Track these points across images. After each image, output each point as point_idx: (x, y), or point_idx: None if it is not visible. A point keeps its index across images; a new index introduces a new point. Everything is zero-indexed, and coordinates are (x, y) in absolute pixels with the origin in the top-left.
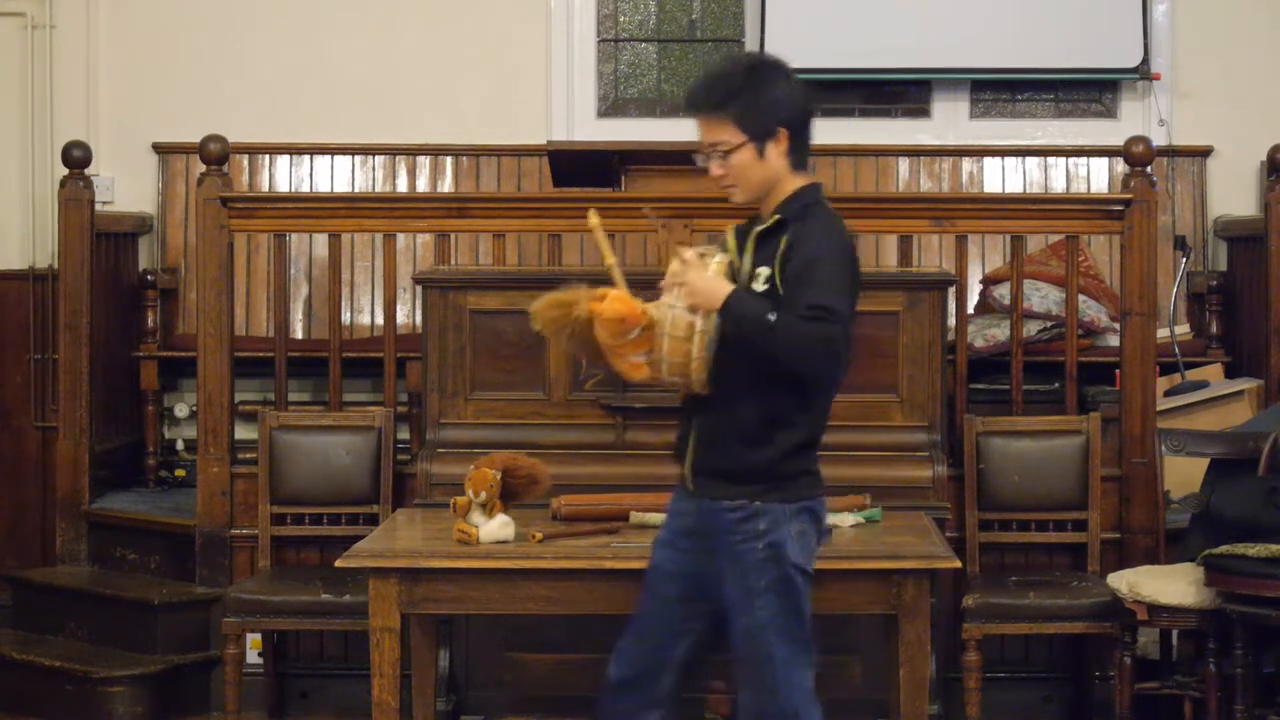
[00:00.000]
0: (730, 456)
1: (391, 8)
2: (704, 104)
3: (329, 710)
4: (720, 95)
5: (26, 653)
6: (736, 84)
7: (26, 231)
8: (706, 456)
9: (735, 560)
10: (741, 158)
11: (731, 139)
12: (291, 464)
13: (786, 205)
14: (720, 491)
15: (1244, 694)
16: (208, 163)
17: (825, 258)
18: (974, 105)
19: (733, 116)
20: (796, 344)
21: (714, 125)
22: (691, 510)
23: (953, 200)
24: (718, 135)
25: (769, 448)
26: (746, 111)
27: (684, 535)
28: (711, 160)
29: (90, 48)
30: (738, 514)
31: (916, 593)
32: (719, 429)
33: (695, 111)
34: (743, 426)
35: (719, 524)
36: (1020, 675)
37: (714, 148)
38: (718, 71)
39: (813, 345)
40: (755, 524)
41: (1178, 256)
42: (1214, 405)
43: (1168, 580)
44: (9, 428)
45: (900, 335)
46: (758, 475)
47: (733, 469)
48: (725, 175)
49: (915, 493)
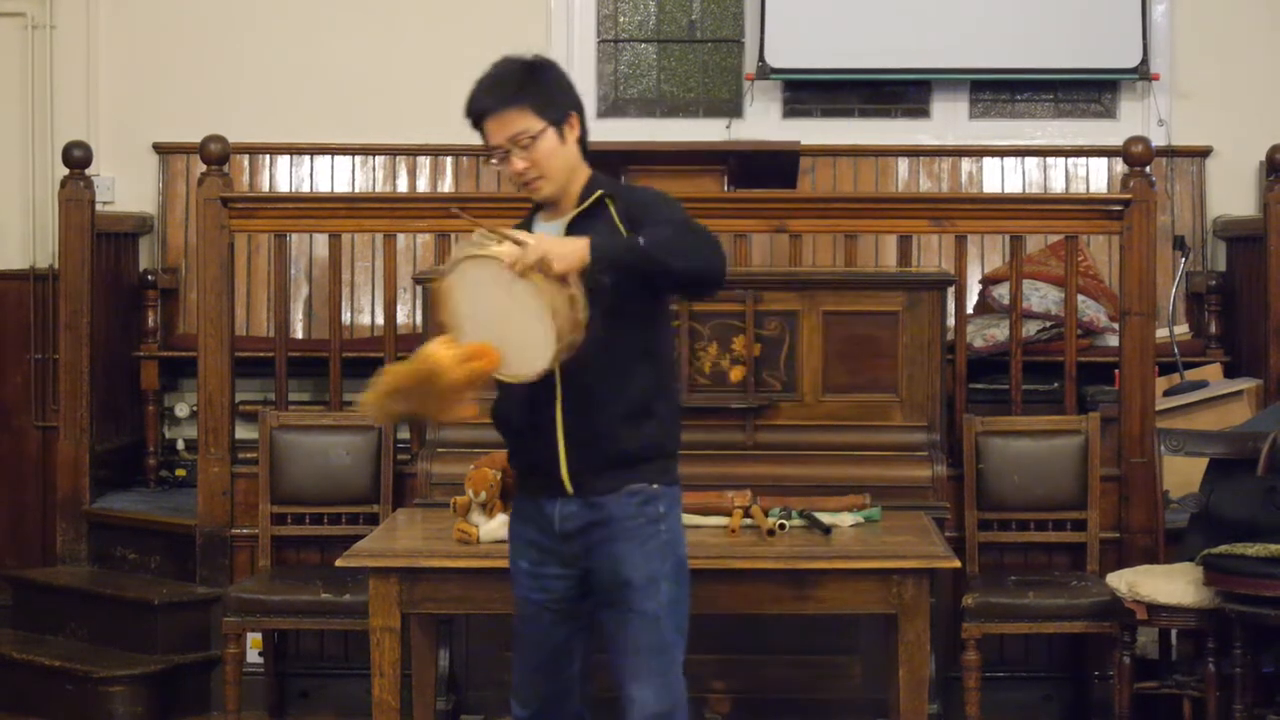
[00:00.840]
0: (615, 441)
1: (391, 8)
2: (497, 99)
3: (329, 710)
4: (512, 88)
5: (26, 653)
6: (522, 77)
7: (27, 231)
8: (585, 451)
9: (639, 545)
10: (546, 144)
11: (533, 126)
12: (292, 464)
13: (590, 187)
14: (611, 483)
15: (1243, 693)
16: (208, 163)
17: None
18: (973, 105)
19: (529, 105)
20: (675, 244)
21: (510, 119)
22: (566, 515)
23: (952, 200)
24: (517, 127)
25: (649, 423)
26: (540, 98)
27: (548, 551)
28: (512, 156)
29: (90, 48)
30: (637, 498)
31: (916, 592)
32: (593, 416)
33: (489, 110)
34: (622, 405)
35: (616, 511)
36: (1020, 675)
37: (515, 140)
38: (497, 72)
39: (691, 238)
40: (655, 507)
41: (1177, 256)
42: (1213, 405)
43: (1167, 580)
44: (9, 428)
45: (900, 335)
46: (649, 453)
47: (621, 453)
48: (530, 168)
49: (915, 492)
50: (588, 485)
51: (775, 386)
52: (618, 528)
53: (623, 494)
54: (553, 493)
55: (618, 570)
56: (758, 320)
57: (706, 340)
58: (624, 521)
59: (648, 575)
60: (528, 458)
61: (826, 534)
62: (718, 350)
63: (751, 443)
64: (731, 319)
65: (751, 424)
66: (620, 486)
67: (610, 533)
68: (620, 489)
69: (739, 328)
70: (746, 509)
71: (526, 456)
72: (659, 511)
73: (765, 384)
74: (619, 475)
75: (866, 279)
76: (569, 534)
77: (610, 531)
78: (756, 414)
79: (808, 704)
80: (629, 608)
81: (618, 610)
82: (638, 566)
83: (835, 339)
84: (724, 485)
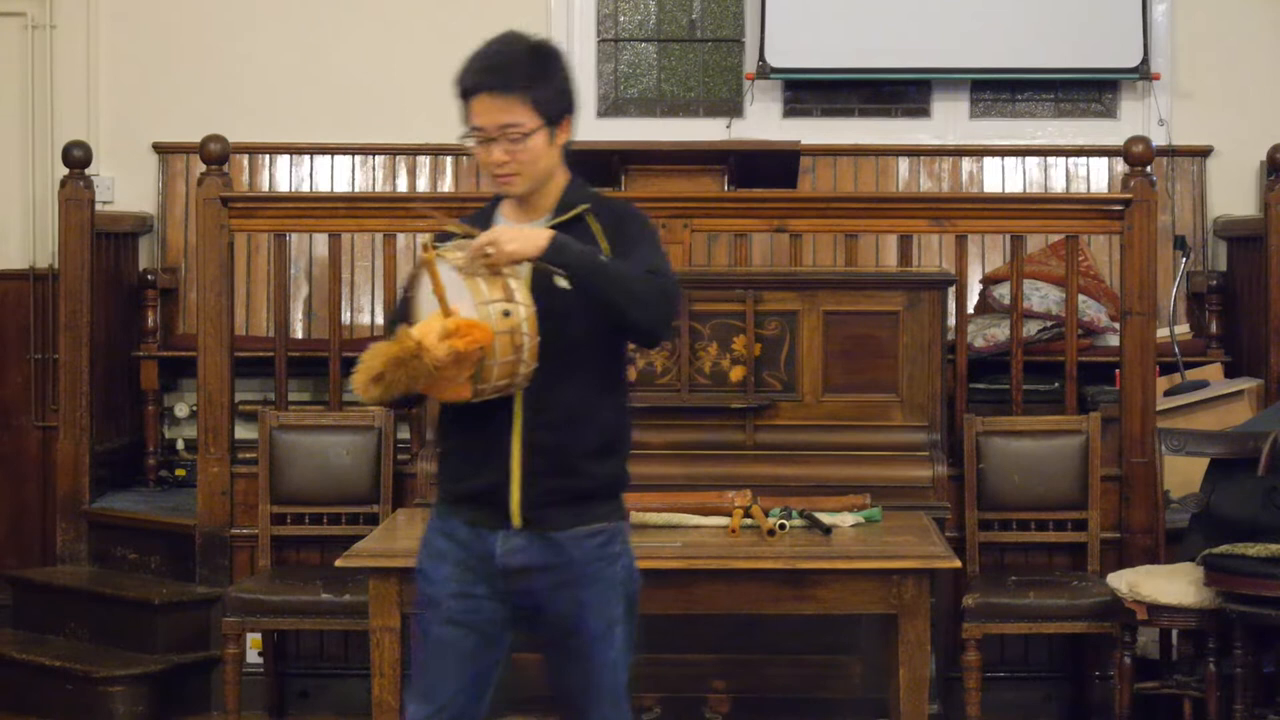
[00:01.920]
0: (579, 476)
1: (391, 8)
2: (500, 81)
3: (329, 710)
4: (519, 75)
5: (26, 653)
6: (530, 65)
7: (27, 231)
8: (543, 484)
9: (600, 590)
10: (535, 144)
11: (528, 122)
12: (291, 464)
13: (574, 196)
14: (570, 519)
15: (1243, 694)
16: (208, 163)
17: (651, 238)
18: (974, 105)
19: (531, 99)
20: (638, 286)
21: (506, 106)
22: (511, 549)
23: (952, 200)
24: (511, 118)
25: (614, 459)
26: (543, 94)
27: (477, 573)
28: (497, 144)
29: (90, 48)
30: (598, 539)
31: (916, 592)
32: (557, 448)
33: (487, 88)
34: (590, 439)
35: (577, 555)
36: (1020, 675)
37: (504, 131)
38: (506, 50)
39: (650, 289)
40: (612, 547)
41: (1177, 256)
42: (1214, 405)
43: (1167, 580)
44: (9, 427)
45: (900, 335)
46: (607, 491)
47: (583, 490)
48: (510, 161)
49: (915, 492)
50: (542, 520)
51: (775, 386)
52: (579, 572)
53: (582, 535)
54: (494, 524)
55: (581, 617)
56: (758, 320)
57: (706, 340)
58: (585, 566)
59: (607, 622)
60: (469, 482)
61: (826, 534)
62: (718, 350)
63: (751, 443)
64: (731, 319)
65: (751, 424)
66: (578, 525)
67: (569, 577)
68: (578, 528)
69: (739, 328)
70: (746, 509)
71: (468, 480)
72: (615, 550)
73: (765, 384)
74: (578, 513)
75: (867, 279)
76: (511, 570)
77: (569, 576)
78: (756, 414)
79: (808, 704)
80: (586, 656)
81: (573, 658)
82: (599, 614)
83: (835, 339)
84: (724, 485)
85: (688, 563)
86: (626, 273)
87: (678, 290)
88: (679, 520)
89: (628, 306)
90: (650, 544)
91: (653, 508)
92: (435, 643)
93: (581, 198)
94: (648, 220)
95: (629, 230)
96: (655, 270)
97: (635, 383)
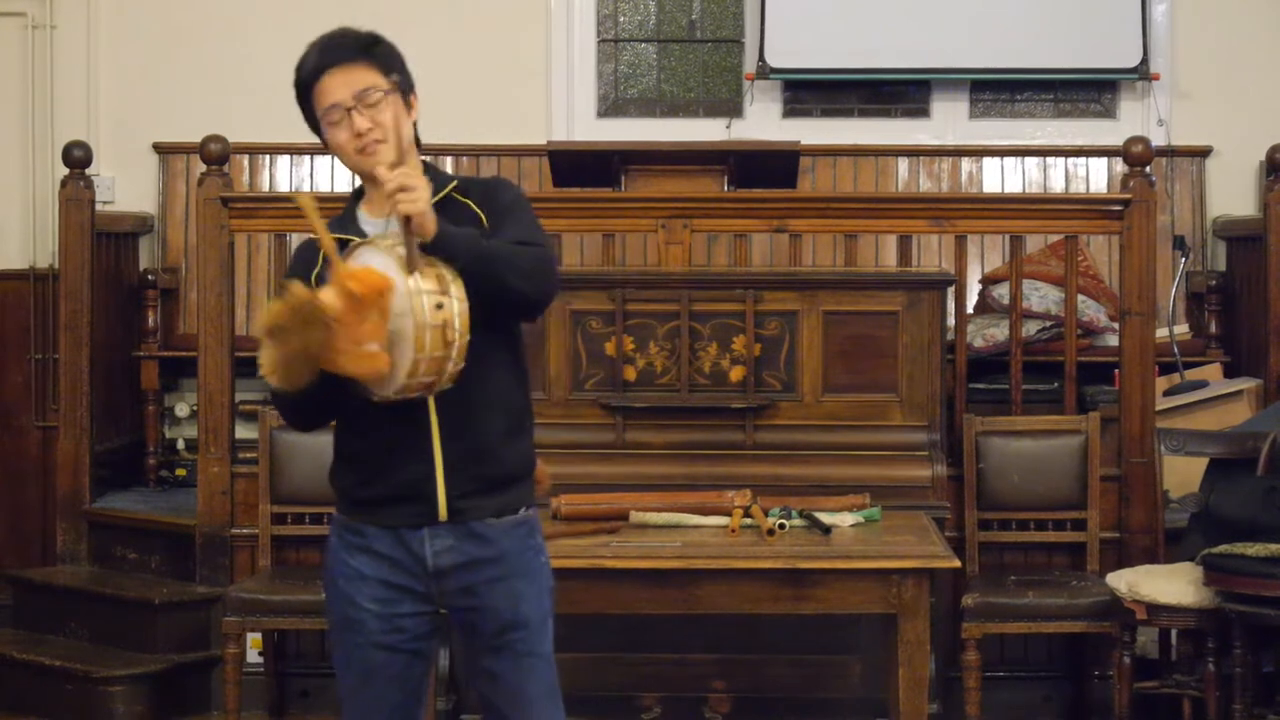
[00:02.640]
0: (498, 461)
1: (392, 8)
2: (344, 53)
3: (329, 710)
4: (359, 46)
5: (26, 653)
6: (367, 39)
7: (27, 231)
8: (468, 471)
9: (531, 581)
10: (395, 106)
11: (381, 84)
12: (292, 463)
13: (436, 177)
14: (494, 508)
15: (1243, 693)
16: (208, 163)
17: (524, 206)
18: (973, 105)
19: (378, 65)
20: (519, 258)
21: (357, 73)
22: (441, 549)
23: (952, 200)
24: (365, 82)
25: (524, 440)
26: (387, 63)
27: (402, 590)
28: (355, 113)
29: (90, 48)
30: (522, 529)
31: (916, 592)
32: (474, 433)
33: (333, 63)
34: (502, 421)
35: (508, 546)
36: (1020, 674)
37: (361, 97)
38: (337, 33)
39: (530, 261)
40: (535, 538)
41: (1177, 256)
42: (1213, 405)
43: (1167, 580)
44: (10, 427)
45: (900, 335)
46: (523, 472)
47: (504, 474)
48: (374, 128)
49: (915, 492)
50: (468, 511)
51: (775, 386)
52: (512, 564)
53: (508, 524)
54: (418, 521)
55: (516, 610)
56: (758, 320)
57: (706, 340)
58: (517, 557)
59: (541, 614)
60: (388, 482)
61: (826, 534)
62: (718, 350)
63: (751, 443)
64: (731, 319)
65: (751, 424)
66: (505, 514)
67: (503, 570)
68: (503, 518)
69: (739, 328)
70: (746, 509)
71: (386, 480)
72: (538, 542)
73: (765, 384)
74: (501, 499)
75: (866, 279)
76: (444, 570)
77: (503, 569)
78: (756, 414)
79: (807, 704)
80: (527, 651)
81: (511, 655)
82: (534, 606)
83: (835, 339)
84: (724, 485)
85: (688, 563)
86: (508, 250)
87: (554, 258)
88: (679, 520)
89: (514, 283)
90: (650, 544)
91: (653, 508)
92: (362, 668)
93: (445, 177)
94: (517, 187)
95: (502, 200)
96: (531, 240)
97: (635, 383)
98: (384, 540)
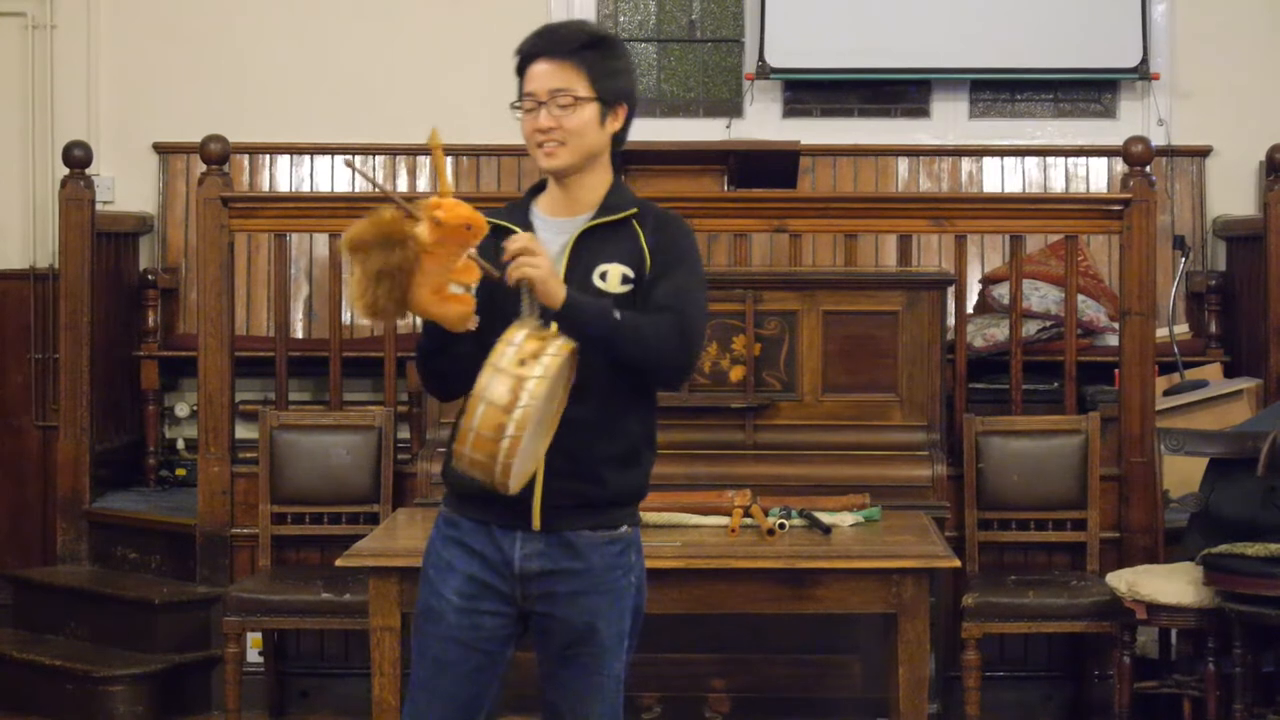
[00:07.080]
0: (603, 486)
1: (391, 7)
2: (557, 48)
3: (329, 709)
4: (577, 45)
5: (26, 652)
6: (591, 41)
7: (27, 231)
8: (568, 489)
9: (614, 600)
10: (584, 115)
11: (580, 90)
12: (292, 464)
13: (619, 197)
14: (589, 522)
15: (1243, 693)
16: (208, 163)
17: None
18: (973, 105)
19: (587, 69)
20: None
21: (561, 72)
22: (530, 553)
23: (952, 200)
24: (562, 82)
25: (638, 470)
26: (600, 70)
27: (488, 587)
28: (545, 109)
29: (90, 48)
30: (616, 546)
31: (916, 592)
32: (585, 453)
33: (543, 54)
34: (617, 447)
35: (596, 562)
36: (1020, 674)
37: (555, 96)
38: (569, 25)
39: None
40: (629, 556)
41: (1177, 256)
42: (1213, 405)
43: (1167, 579)
44: (10, 427)
45: (900, 335)
46: (627, 499)
47: (605, 497)
48: (557, 129)
49: (914, 492)
50: (561, 523)
51: (775, 386)
52: (596, 580)
53: (601, 541)
54: (511, 524)
55: (593, 626)
56: (758, 320)
57: (707, 340)
58: (603, 574)
59: (618, 634)
60: None
61: (826, 534)
62: (718, 350)
63: (751, 442)
64: (731, 319)
65: (751, 424)
66: (598, 530)
67: (587, 584)
68: (598, 533)
69: (739, 327)
70: (746, 509)
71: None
72: (631, 561)
73: (765, 384)
74: (598, 518)
75: (866, 279)
76: (530, 575)
77: (587, 583)
78: (756, 414)
79: (807, 704)
80: (597, 670)
81: (581, 669)
82: (611, 624)
83: (835, 339)
84: (724, 485)
85: (687, 562)
86: (636, 325)
87: (701, 324)
88: (679, 520)
89: (641, 359)
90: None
91: (653, 507)
92: (435, 661)
93: (628, 200)
94: (691, 234)
95: (673, 249)
96: (680, 304)
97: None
98: (478, 536)
